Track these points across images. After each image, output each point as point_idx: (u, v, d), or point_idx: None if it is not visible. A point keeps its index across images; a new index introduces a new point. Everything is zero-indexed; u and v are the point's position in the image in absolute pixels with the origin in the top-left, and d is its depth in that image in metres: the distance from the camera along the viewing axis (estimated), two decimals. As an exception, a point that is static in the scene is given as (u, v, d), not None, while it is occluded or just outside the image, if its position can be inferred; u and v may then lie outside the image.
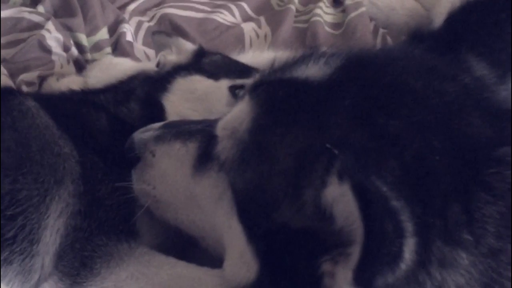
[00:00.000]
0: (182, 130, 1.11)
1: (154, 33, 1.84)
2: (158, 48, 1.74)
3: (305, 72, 0.91)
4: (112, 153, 1.22)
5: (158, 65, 1.61)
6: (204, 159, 1.03)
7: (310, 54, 0.96)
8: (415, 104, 0.82)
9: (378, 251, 0.66)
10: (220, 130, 0.98)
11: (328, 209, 0.76)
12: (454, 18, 1.01)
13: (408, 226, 0.68)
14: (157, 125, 1.18)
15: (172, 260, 1.14)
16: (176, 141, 1.10)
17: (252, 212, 0.89)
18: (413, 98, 0.83)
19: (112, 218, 1.16)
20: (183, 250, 1.22)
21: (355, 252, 0.70)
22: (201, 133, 1.08)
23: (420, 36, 1.01)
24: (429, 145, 0.77)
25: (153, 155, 1.12)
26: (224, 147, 0.94)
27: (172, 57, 1.63)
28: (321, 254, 0.79)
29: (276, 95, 0.91)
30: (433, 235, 0.73)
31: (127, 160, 1.15)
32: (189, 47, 1.66)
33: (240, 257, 0.94)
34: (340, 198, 0.73)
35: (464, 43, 0.95)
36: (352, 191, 0.68)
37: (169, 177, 1.10)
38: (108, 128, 1.31)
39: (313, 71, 0.90)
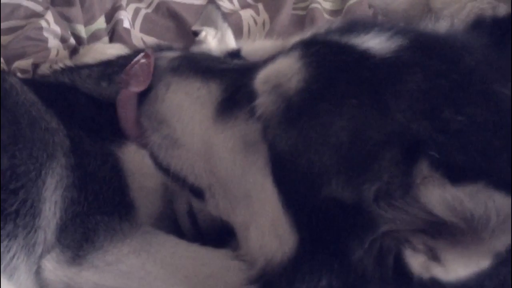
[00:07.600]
0: (202, 67, 1.01)
1: (211, 1, 1.75)
2: (202, 20, 1.64)
3: (365, 42, 0.85)
4: (95, 128, 1.22)
5: (196, 34, 1.56)
6: (230, 105, 0.95)
7: (369, 23, 0.91)
8: (480, 105, 0.78)
9: None
10: (260, 83, 0.90)
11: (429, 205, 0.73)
12: None
13: None
14: (171, 54, 1.08)
15: (174, 239, 1.14)
16: (196, 78, 0.99)
17: (293, 178, 0.82)
18: (480, 98, 0.79)
19: (106, 190, 1.15)
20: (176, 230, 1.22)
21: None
22: (226, 75, 0.99)
23: (483, 27, 0.96)
24: (491, 144, 0.74)
25: (167, 89, 1.00)
26: (264, 101, 0.87)
27: (211, 40, 1.57)
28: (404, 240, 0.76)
29: (333, 60, 0.85)
30: None
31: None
32: (231, 43, 1.60)
33: (272, 226, 0.86)
34: (481, 197, 0.67)
35: None
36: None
37: (184, 117, 0.99)
38: (92, 105, 1.30)
39: (374, 43, 0.85)
